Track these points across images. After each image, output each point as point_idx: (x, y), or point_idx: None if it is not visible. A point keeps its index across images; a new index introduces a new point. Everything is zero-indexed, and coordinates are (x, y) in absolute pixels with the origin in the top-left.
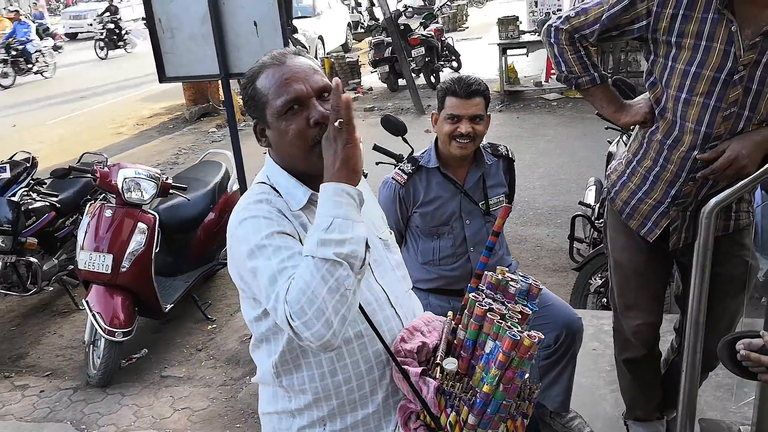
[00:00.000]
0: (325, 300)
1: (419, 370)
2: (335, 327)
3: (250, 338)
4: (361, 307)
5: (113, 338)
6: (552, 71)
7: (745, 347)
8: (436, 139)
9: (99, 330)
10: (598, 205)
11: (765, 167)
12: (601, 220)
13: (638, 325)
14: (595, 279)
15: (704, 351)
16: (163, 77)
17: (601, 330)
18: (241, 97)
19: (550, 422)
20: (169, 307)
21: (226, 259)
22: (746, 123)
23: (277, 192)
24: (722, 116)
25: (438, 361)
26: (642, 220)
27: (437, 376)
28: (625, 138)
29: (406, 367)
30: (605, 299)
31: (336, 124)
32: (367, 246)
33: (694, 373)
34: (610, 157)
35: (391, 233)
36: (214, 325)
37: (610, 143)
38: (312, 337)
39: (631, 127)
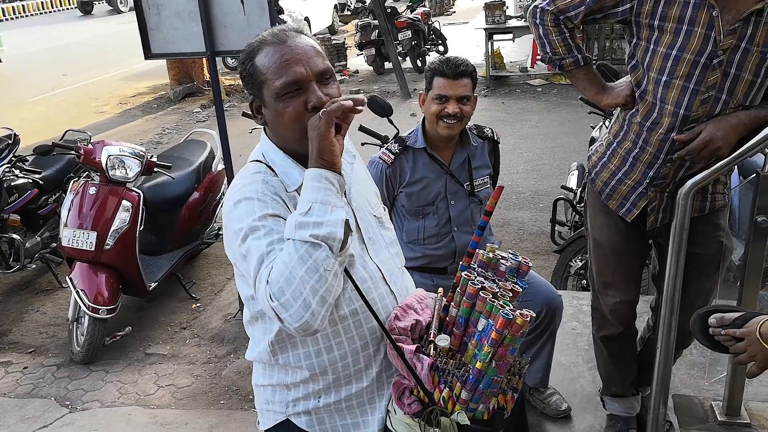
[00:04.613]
0: (303, 280)
1: (414, 347)
2: (314, 308)
3: (234, 317)
4: (356, 284)
5: (97, 315)
6: (537, 57)
7: (717, 322)
8: (424, 119)
9: (83, 307)
10: (580, 189)
11: (741, 149)
12: (583, 203)
13: (615, 303)
14: (575, 261)
15: (679, 329)
16: (148, 53)
17: (580, 310)
18: (238, 71)
19: (529, 398)
20: (153, 285)
21: (210, 239)
22: (723, 106)
23: (273, 171)
24: (700, 99)
25: (431, 339)
26: (621, 200)
27: (431, 353)
28: (607, 122)
29: (400, 344)
30: (585, 281)
31: (320, 113)
32: (350, 229)
33: (669, 351)
34: (592, 141)
35: (385, 210)
36: (198, 304)
37: (593, 128)
38: (290, 318)
39: (613, 110)
